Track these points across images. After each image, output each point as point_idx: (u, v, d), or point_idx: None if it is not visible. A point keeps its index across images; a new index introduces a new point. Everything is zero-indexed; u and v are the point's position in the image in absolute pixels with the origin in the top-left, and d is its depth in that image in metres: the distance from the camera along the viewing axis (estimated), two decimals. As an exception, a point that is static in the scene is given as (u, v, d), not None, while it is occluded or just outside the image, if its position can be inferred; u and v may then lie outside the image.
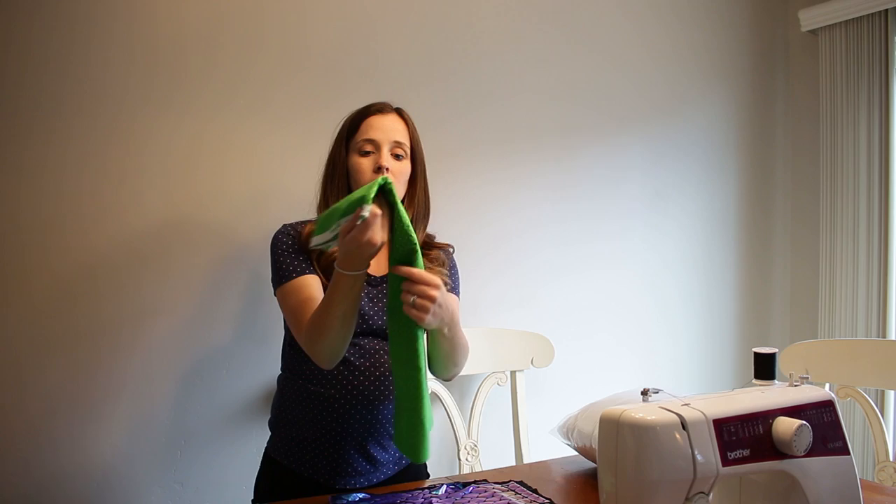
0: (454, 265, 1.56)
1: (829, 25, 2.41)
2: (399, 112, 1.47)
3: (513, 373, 1.98)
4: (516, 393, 1.97)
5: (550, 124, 2.20)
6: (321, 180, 1.49)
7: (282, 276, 1.40)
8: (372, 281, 1.45)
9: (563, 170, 2.22)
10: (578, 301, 2.25)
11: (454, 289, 1.55)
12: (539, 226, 2.19)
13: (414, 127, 1.48)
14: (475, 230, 2.09)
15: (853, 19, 2.33)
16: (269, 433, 1.52)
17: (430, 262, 1.45)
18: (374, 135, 1.40)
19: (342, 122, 1.48)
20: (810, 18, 2.45)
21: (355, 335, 1.37)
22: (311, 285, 1.38)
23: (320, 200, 1.48)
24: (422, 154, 1.49)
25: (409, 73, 1.99)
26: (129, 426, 1.71)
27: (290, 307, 1.37)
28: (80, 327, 1.66)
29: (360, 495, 1.29)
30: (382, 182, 1.16)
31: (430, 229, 1.86)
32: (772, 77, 2.60)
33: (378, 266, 1.45)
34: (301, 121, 1.84)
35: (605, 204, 2.29)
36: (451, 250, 1.57)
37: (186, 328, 1.75)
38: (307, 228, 1.41)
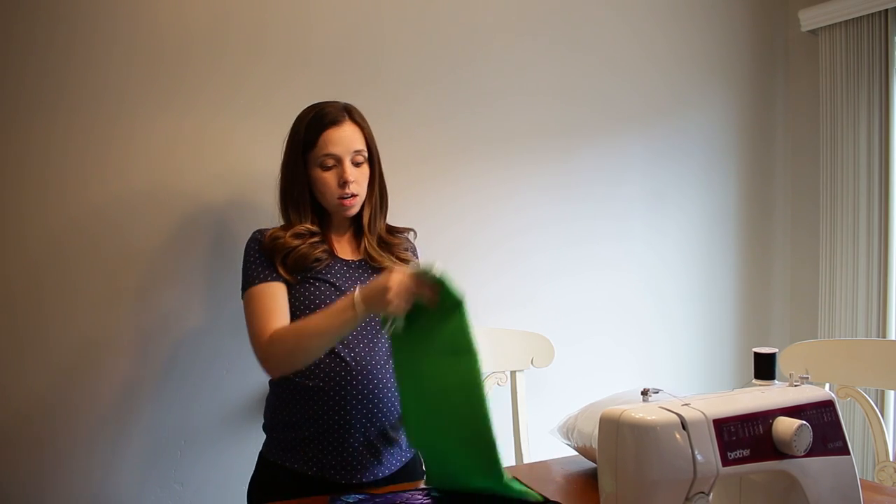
0: (416, 252, 1.61)
1: (829, 25, 2.41)
2: (351, 116, 1.47)
3: (513, 373, 1.98)
4: (516, 393, 1.97)
5: (551, 125, 2.20)
6: (279, 191, 1.51)
7: (247, 281, 1.44)
8: (351, 264, 1.49)
9: (563, 170, 2.22)
10: (578, 301, 2.25)
11: None
12: (539, 226, 2.19)
13: (367, 126, 1.49)
14: (475, 230, 2.09)
15: (853, 19, 2.33)
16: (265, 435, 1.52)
17: (400, 252, 1.53)
18: (334, 150, 1.43)
19: (294, 132, 1.48)
20: (810, 18, 2.45)
21: None
22: (274, 294, 1.41)
23: (281, 211, 1.51)
24: (377, 151, 1.51)
25: (409, 73, 1.99)
26: (129, 426, 1.71)
27: (251, 313, 1.41)
28: (78, 328, 1.66)
29: (360, 496, 1.29)
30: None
31: (431, 229, 1.87)
32: (772, 77, 2.60)
33: (349, 251, 1.52)
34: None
35: (605, 204, 2.29)
36: (412, 235, 1.61)
37: (186, 328, 1.75)
38: (270, 233, 1.45)
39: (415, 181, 1.97)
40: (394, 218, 1.59)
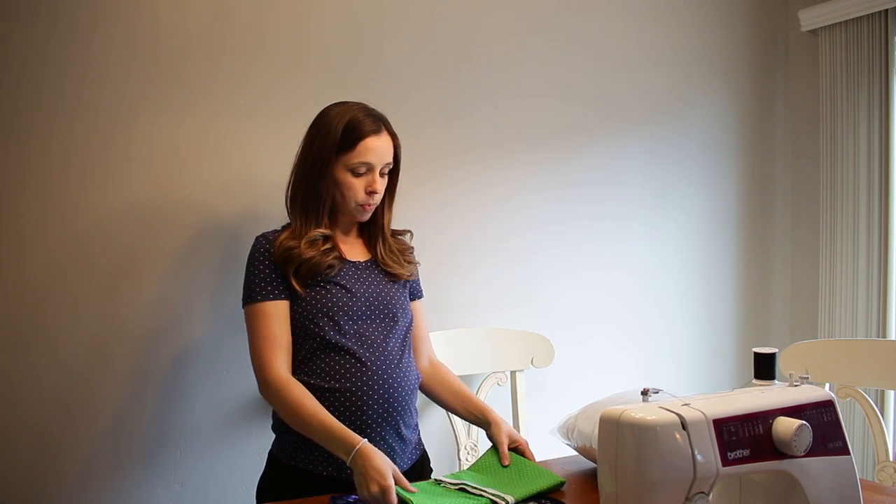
0: (413, 252, 1.63)
1: (829, 25, 2.40)
2: (387, 127, 1.49)
3: (513, 373, 1.98)
4: (516, 393, 1.97)
5: (550, 125, 2.20)
6: (294, 177, 1.51)
7: (250, 294, 1.43)
8: (359, 265, 1.51)
9: (562, 170, 2.22)
10: (578, 301, 2.25)
11: (418, 283, 1.64)
12: (539, 226, 2.19)
13: (398, 138, 1.52)
14: (475, 230, 2.09)
15: (853, 19, 2.33)
16: (273, 436, 1.51)
17: (408, 257, 1.58)
18: (370, 158, 1.45)
19: (324, 130, 1.46)
20: (810, 18, 2.45)
21: (355, 319, 1.43)
22: (278, 316, 1.42)
23: (291, 197, 1.51)
24: (400, 160, 1.54)
25: (409, 73, 1.99)
26: (130, 426, 1.71)
27: (254, 333, 1.42)
28: (79, 328, 1.66)
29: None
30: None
31: (431, 229, 1.87)
32: (772, 77, 2.60)
33: (357, 252, 1.53)
34: (302, 120, 1.84)
35: (605, 205, 2.29)
36: (409, 237, 1.64)
37: (186, 328, 1.75)
38: (280, 241, 1.44)
39: (415, 182, 1.97)
40: (395, 218, 1.59)
